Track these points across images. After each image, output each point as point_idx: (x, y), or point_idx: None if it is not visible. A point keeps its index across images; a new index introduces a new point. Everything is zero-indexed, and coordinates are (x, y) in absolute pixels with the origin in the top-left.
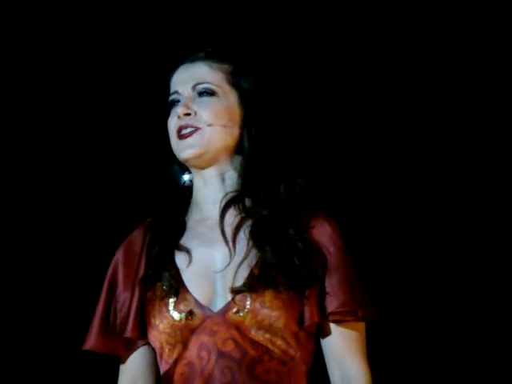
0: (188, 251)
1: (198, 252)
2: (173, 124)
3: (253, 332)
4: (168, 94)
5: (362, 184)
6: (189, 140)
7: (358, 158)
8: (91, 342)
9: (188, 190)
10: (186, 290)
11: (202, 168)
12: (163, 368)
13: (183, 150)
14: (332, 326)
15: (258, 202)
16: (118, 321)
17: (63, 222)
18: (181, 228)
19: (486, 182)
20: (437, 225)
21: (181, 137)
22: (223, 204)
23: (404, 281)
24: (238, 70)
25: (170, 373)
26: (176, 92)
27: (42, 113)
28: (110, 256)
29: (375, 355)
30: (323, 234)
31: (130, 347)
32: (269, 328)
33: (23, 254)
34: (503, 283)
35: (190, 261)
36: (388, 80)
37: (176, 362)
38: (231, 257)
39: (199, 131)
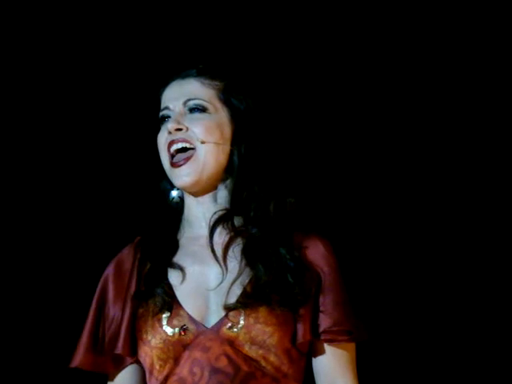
0: (181, 269)
1: (192, 270)
2: (163, 139)
3: (246, 348)
4: (158, 109)
5: (353, 202)
6: (184, 168)
7: (349, 176)
8: (79, 359)
9: (178, 206)
10: (180, 306)
11: (198, 194)
12: None
13: (179, 177)
14: (324, 345)
15: (248, 221)
16: (108, 337)
17: (52, 239)
18: (173, 246)
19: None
20: (427, 245)
21: (174, 164)
22: (212, 223)
23: (395, 301)
24: (229, 87)
25: None
26: (167, 108)
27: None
28: (98, 273)
29: (364, 377)
30: (317, 253)
31: (119, 365)
32: (262, 344)
33: (11, 267)
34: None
35: (184, 278)
36: (378, 100)
37: (167, 379)
38: (224, 275)
39: (194, 157)
